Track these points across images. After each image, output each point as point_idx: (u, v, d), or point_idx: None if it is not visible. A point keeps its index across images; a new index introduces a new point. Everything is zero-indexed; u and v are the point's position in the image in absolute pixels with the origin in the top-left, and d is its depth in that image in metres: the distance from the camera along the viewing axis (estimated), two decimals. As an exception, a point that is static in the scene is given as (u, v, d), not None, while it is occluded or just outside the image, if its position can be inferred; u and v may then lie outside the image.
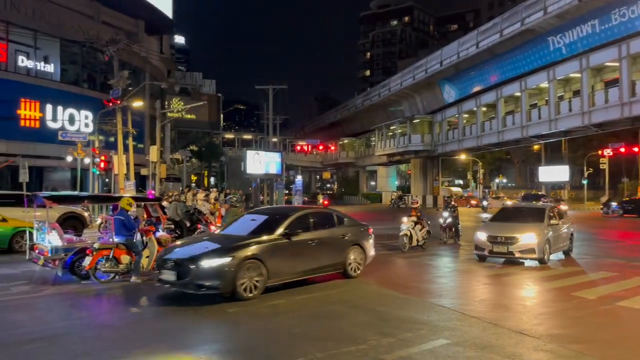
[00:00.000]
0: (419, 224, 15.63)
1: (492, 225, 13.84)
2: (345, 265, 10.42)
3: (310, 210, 11.02)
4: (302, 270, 9.56)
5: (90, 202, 18.27)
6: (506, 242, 12.51)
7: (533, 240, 12.32)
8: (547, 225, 12.89)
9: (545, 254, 12.52)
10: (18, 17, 30.39)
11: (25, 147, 29.18)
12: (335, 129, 78.12)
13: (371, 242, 11.29)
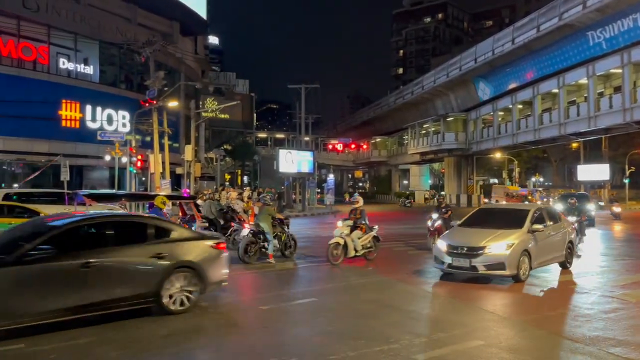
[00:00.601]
0: (359, 229, 12.76)
1: (458, 231, 11.23)
2: (160, 295, 7.23)
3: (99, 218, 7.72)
4: (62, 308, 6.42)
5: (127, 200, 18.68)
6: (468, 254, 9.88)
7: (503, 251, 9.75)
8: (528, 232, 10.31)
9: (521, 269, 9.92)
10: (59, 21, 31.39)
11: (66, 147, 30.14)
12: (367, 128, 77.82)
13: (218, 261, 8.03)
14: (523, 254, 9.99)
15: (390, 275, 11.09)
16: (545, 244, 10.70)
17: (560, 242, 11.46)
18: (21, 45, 30.16)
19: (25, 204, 16.00)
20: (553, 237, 11.15)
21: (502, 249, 9.80)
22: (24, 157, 29.90)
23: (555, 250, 11.23)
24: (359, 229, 12.72)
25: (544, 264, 10.91)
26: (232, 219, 17.25)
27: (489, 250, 9.77)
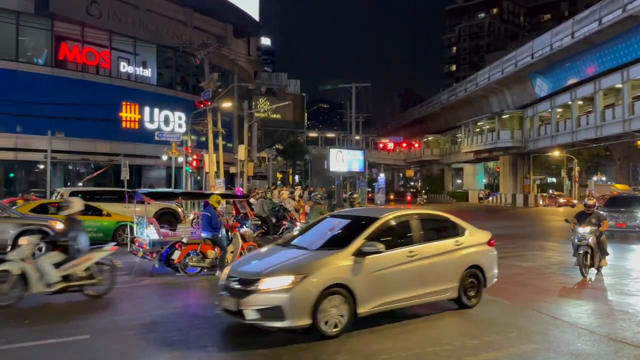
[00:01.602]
0: None
1: (264, 252, 7.83)
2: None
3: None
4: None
5: (183, 198, 19.30)
6: (238, 292, 6.45)
7: (282, 288, 6.20)
8: (354, 255, 6.70)
9: (324, 318, 6.30)
10: (120, 26, 32.73)
11: (126, 147, 31.38)
12: (419, 126, 76.86)
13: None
14: (330, 294, 6.33)
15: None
16: (400, 274, 7.07)
17: (448, 268, 7.66)
18: (85, 50, 31.65)
19: (89, 202, 16.81)
20: (425, 261, 7.38)
21: (282, 284, 6.18)
22: (87, 157, 31.38)
23: (431, 281, 7.46)
24: None
25: (399, 303, 7.16)
26: (283, 218, 17.50)
27: (264, 286, 6.24)
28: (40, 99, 27.56)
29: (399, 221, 7.75)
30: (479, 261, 8.16)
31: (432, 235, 7.93)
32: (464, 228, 8.36)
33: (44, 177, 27.87)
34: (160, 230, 11.66)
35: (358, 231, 7.10)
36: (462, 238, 8.13)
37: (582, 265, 10.52)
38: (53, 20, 30.09)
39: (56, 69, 30.44)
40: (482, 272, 8.12)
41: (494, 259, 8.53)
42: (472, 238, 8.29)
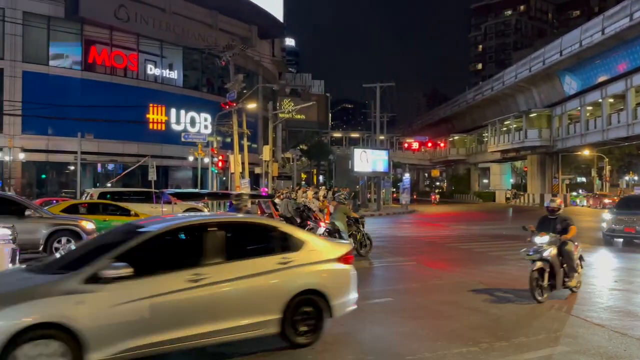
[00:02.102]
0: None
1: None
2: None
3: None
4: None
5: (209, 198, 19.50)
6: None
7: None
8: (90, 280, 4.88)
9: None
10: (147, 29, 33.30)
11: (153, 148, 31.92)
12: (444, 125, 76.11)
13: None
14: (34, 338, 4.51)
15: (469, 276, 10.81)
16: (170, 306, 5.17)
17: (261, 295, 5.75)
18: (113, 53, 32.29)
19: (118, 202, 17.15)
20: (222, 287, 5.51)
21: None
22: (115, 158, 32.01)
23: (231, 314, 5.56)
24: None
25: (170, 345, 5.17)
26: (308, 218, 17.50)
27: None
28: (70, 101, 28.27)
29: (186, 232, 6.01)
30: (319, 284, 6.09)
31: (243, 252, 6.01)
32: (301, 240, 6.30)
33: (74, 178, 28.56)
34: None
35: (110, 248, 5.26)
36: (295, 254, 6.11)
37: (534, 287, 8.12)
38: (83, 25, 30.80)
39: (86, 72, 31.14)
40: (325, 298, 6.07)
41: (348, 281, 6.43)
42: (312, 254, 6.23)
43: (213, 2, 37.48)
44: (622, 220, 15.96)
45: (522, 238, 8.83)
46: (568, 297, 8.93)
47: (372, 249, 13.72)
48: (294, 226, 6.99)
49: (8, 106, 28.05)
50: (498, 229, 21.57)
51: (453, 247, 16.11)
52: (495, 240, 17.90)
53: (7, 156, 26.98)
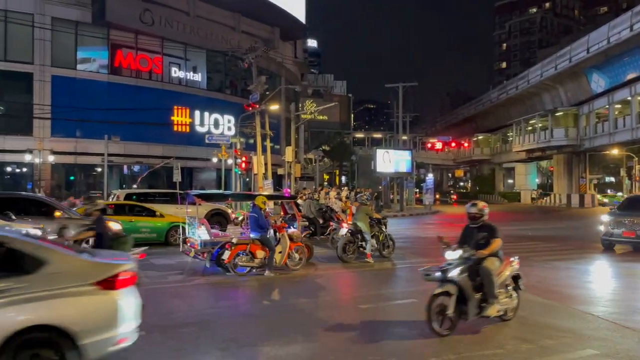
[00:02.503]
0: None
1: None
2: None
3: None
4: None
5: (233, 199, 19.67)
6: None
7: None
8: None
9: None
10: (171, 33, 33.75)
11: (178, 150, 32.32)
12: (468, 125, 75.33)
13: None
14: None
15: (494, 278, 10.68)
16: None
17: None
18: (139, 57, 32.81)
19: (143, 203, 17.43)
20: None
21: None
22: (141, 160, 32.51)
23: None
24: None
25: None
26: (330, 218, 17.56)
27: None
28: (97, 104, 28.80)
29: None
30: (58, 319, 4.63)
31: None
32: (38, 260, 4.79)
33: (101, 180, 29.09)
34: (211, 230, 11.93)
35: None
36: (25, 278, 4.66)
37: (433, 315, 6.42)
38: (109, 29, 31.36)
39: (112, 76, 31.71)
40: (70, 337, 4.62)
41: (111, 311, 4.93)
42: (54, 278, 4.76)
43: (236, 5, 37.78)
44: (621, 222, 14.28)
45: (548, 239, 8.69)
46: (593, 299, 8.75)
47: (394, 250, 13.67)
48: (37, 241, 5.31)
49: (38, 110, 28.74)
50: (523, 230, 21.25)
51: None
52: (520, 241, 17.64)
53: (37, 158, 27.64)
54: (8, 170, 30.24)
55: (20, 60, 28.79)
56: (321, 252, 14.15)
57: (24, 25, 28.28)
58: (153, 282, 10.22)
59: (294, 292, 9.49)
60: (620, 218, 14.46)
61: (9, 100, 29.78)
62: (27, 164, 28.79)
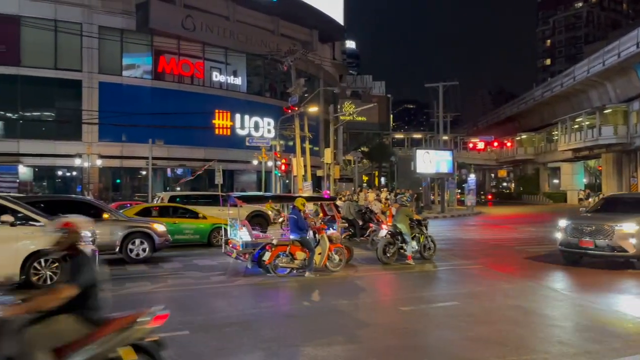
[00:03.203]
0: None
1: None
2: None
3: None
4: None
5: (273, 201, 19.89)
6: None
7: None
8: None
9: None
10: (212, 38, 34.43)
11: (219, 153, 32.91)
12: (511, 124, 73.61)
13: None
14: None
15: (538, 280, 10.43)
16: None
17: None
18: (181, 62, 33.62)
19: (187, 206, 17.86)
20: None
21: None
22: (184, 162, 33.29)
23: None
24: None
25: None
26: (370, 220, 17.51)
27: None
28: (142, 109, 29.66)
29: None
30: None
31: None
32: None
33: (146, 183, 29.97)
34: (252, 232, 12.10)
35: None
36: None
37: None
38: (152, 36, 32.28)
39: (155, 81, 32.60)
40: None
41: None
42: None
43: (275, 9, 38.22)
44: (578, 230, 11.70)
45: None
46: None
47: (436, 252, 13.52)
48: None
49: (86, 115, 29.84)
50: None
51: (521, 249, 15.57)
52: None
53: (86, 162, 28.68)
54: (59, 174, 31.50)
55: (70, 68, 29.96)
56: (361, 253, 14.14)
57: (73, 35, 29.42)
58: (197, 283, 10.47)
59: (334, 293, 9.52)
60: (578, 223, 11.90)
61: (59, 107, 31.08)
62: (76, 167, 29.92)
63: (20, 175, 29.24)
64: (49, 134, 29.44)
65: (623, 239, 10.90)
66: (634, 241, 10.84)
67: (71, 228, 4.05)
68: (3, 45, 28.33)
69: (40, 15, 28.56)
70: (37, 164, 29.52)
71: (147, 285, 10.23)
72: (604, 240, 11.07)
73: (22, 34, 28.63)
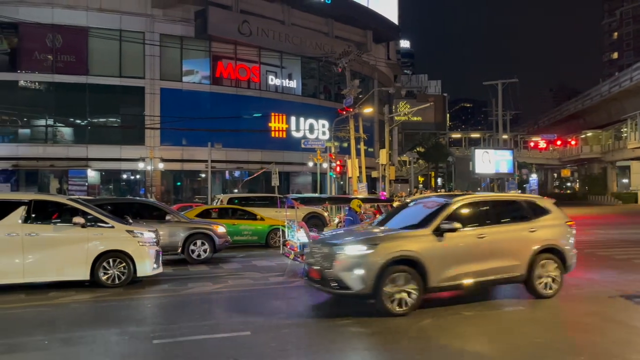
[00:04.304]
0: None
1: None
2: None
3: None
4: None
5: (330, 203, 19.90)
6: None
7: None
8: None
9: None
10: (268, 42, 34.95)
11: (275, 155, 33.33)
12: (575, 122, 70.47)
13: None
14: None
15: (611, 286, 9.86)
16: None
17: None
18: (238, 67, 34.33)
19: (245, 207, 18.15)
20: None
21: None
22: (241, 165, 33.95)
23: None
24: None
25: None
26: (428, 222, 17.15)
27: None
28: (200, 114, 30.49)
29: None
30: None
31: None
32: None
33: (205, 185, 30.77)
34: (309, 233, 12.13)
35: None
36: None
37: None
38: (210, 42, 33.12)
39: (214, 86, 33.44)
40: None
41: None
42: None
43: (329, 11, 38.33)
44: (310, 253, 8.54)
45: None
46: None
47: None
48: None
49: (149, 121, 31.00)
50: None
51: (590, 253, 14.79)
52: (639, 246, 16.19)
53: (149, 166, 29.80)
54: (124, 177, 32.88)
55: (133, 75, 31.21)
56: (419, 255, 13.84)
57: (136, 43, 30.64)
58: (256, 284, 10.60)
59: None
60: (314, 245, 8.63)
61: (124, 113, 32.50)
62: (139, 171, 31.14)
63: (88, 178, 30.74)
64: (114, 139, 30.78)
65: None
66: None
67: None
68: (73, 55, 29.91)
69: (107, 26, 29.91)
70: (104, 167, 30.94)
71: (208, 285, 10.45)
72: (330, 268, 7.76)
73: (90, 45, 30.10)
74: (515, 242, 8.42)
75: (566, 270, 8.80)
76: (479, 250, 8.04)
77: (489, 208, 8.76)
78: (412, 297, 7.46)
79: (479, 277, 7.97)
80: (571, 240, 8.98)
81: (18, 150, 29.06)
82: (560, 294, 9.02)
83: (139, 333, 7.02)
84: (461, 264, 7.82)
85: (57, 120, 30.91)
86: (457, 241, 7.88)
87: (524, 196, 10.23)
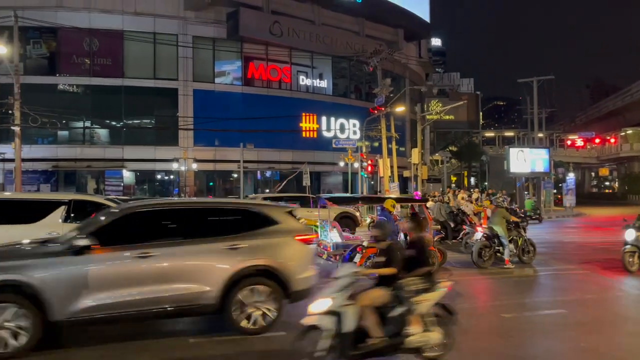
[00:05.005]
0: None
1: None
2: None
3: None
4: None
5: (362, 203, 19.80)
6: None
7: None
8: None
9: None
10: (298, 42, 35.02)
11: (306, 155, 33.35)
12: (614, 119, 68.34)
13: None
14: None
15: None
16: None
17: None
18: (269, 67, 34.51)
19: (277, 207, 18.17)
20: None
21: None
22: (273, 165, 34.12)
23: None
24: None
25: None
26: (462, 222, 16.89)
27: None
28: (232, 114, 30.74)
29: None
30: None
31: None
32: None
33: (237, 185, 31.03)
34: (342, 233, 12.08)
35: None
36: None
37: None
38: (242, 43, 33.38)
39: (245, 87, 33.70)
40: None
41: None
42: None
43: (360, 10, 38.14)
44: None
45: None
46: None
47: (535, 256, 12.77)
48: None
49: (182, 122, 31.46)
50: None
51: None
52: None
53: (183, 166, 30.23)
54: (158, 178, 33.46)
55: (167, 77, 31.72)
56: (454, 256, 13.65)
57: (170, 45, 31.13)
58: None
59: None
60: None
61: (158, 115, 33.06)
62: (173, 171, 31.62)
63: (124, 179, 31.40)
64: (149, 140, 31.32)
65: None
66: None
67: None
68: (109, 58, 30.61)
69: (141, 29, 30.47)
70: (139, 168, 31.54)
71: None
72: None
73: (125, 48, 30.72)
74: (201, 263, 6.60)
75: (291, 298, 6.89)
76: (138, 273, 6.33)
77: (168, 220, 6.97)
78: None
79: (136, 308, 6.23)
80: (304, 259, 7.14)
81: (57, 152, 29.88)
82: (601, 296, 8.73)
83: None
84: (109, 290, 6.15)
85: (94, 122, 31.64)
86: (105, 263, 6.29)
87: (237, 203, 8.52)
